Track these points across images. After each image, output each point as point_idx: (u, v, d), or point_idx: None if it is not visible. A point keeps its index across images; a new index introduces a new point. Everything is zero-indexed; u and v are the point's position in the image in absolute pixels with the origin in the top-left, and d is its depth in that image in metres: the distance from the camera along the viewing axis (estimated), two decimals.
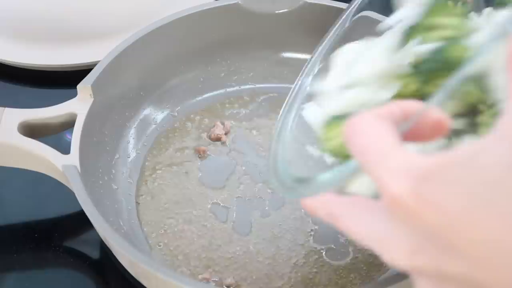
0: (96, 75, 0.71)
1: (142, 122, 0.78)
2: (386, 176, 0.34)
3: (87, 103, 0.69)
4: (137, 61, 0.76)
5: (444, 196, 0.32)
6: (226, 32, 0.81)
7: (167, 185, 0.73)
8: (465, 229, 0.32)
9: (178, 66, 0.81)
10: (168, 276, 0.56)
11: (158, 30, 0.77)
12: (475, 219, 0.31)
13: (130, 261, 0.60)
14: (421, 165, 0.34)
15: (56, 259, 0.69)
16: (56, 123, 0.69)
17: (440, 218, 0.32)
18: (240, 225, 0.69)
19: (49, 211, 0.73)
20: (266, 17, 0.80)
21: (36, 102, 0.70)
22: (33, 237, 0.71)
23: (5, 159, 0.68)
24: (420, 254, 0.34)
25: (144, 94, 0.79)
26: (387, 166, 0.35)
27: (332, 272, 0.65)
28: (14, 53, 0.87)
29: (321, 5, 0.79)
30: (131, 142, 0.76)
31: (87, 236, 0.70)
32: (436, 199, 0.32)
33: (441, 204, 0.32)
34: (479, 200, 0.31)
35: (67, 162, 0.64)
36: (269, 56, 0.84)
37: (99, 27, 0.92)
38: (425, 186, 0.33)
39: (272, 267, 0.66)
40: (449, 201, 0.32)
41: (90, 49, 0.88)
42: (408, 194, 0.33)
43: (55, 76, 0.87)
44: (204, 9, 0.79)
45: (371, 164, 0.35)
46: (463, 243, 0.32)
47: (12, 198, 0.75)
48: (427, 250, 0.34)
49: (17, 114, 0.68)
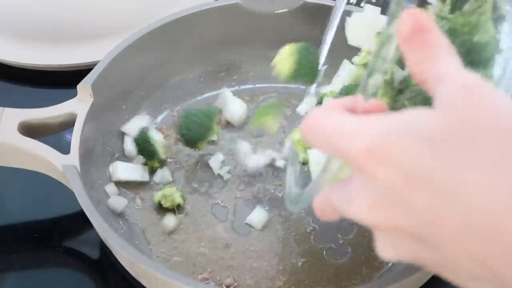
0: (96, 75, 0.71)
1: (142, 122, 0.78)
2: (346, 143, 0.37)
3: (87, 103, 0.69)
4: (137, 61, 0.76)
5: (396, 150, 0.35)
6: (226, 32, 0.81)
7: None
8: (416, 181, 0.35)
9: (178, 66, 0.81)
10: (168, 276, 0.56)
11: (158, 30, 0.77)
12: (424, 172, 0.34)
13: (130, 261, 0.60)
14: (375, 125, 0.36)
15: (56, 259, 0.69)
16: (56, 123, 0.69)
17: (393, 172, 0.35)
18: (240, 225, 0.70)
19: (49, 211, 0.73)
20: (266, 17, 0.81)
21: (36, 102, 0.70)
22: (33, 237, 0.71)
23: (5, 159, 0.68)
24: (378, 210, 0.37)
25: (144, 94, 0.79)
26: (344, 135, 0.37)
27: (332, 272, 0.65)
28: (14, 53, 0.87)
29: (321, 5, 0.79)
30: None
31: (87, 236, 0.70)
32: (390, 154, 0.35)
33: (393, 159, 0.35)
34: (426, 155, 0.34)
35: (67, 162, 0.64)
36: (269, 56, 0.83)
37: (99, 27, 0.92)
38: (380, 142, 0.35)
39: (272, 267, 0.66)
40: (401, 155, 0.35)
41: (90, 49, 0.88)
42: (364, 151, 0.36)
43: (55, 76, 0.87)
44: (204, 9, 0.79)
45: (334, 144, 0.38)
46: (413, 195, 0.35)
47: (12, 198, 0.75)
48: (385, 206, 0.36)
49: (17, 114, 0.68)
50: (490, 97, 0.36)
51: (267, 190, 0.72)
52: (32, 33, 0.91)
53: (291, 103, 0.80)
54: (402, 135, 0.35)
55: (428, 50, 0.38)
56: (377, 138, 0.36)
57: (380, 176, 0.36)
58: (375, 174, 0.36)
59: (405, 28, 0.38)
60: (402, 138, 0.35)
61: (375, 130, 0.36)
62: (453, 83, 0.36)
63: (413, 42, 0.38)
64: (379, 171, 0.36)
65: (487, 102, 0.35)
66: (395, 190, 0.35)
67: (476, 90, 0.36)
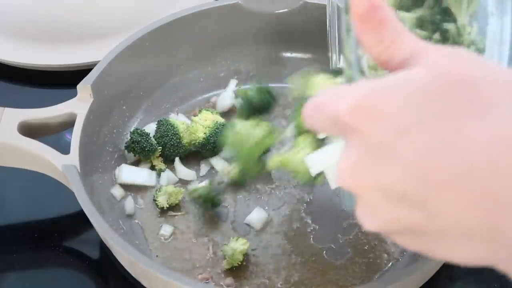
0: (96, 75, 0.71)
1: (142, 122, 0.78)
2: (334, 105, 0.36)
3: (87, 103, 0.69)
4: (137, 61, 0.76)
5: (385, 105, 0.35)
6: (226, 32, 0.81)
7: None
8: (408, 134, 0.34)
9: (178, 66, 0.81)
10: (168, 276, 0.56)
11: (158, 30, 0.77)
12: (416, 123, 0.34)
13: (130, 261, 0.60)
14: (362, 86, 0.36)
15: (56, 259, 0.69)
16: (56, 123, 0.69)
17: (382, 127, 0.34)
18: (240, 225, 0.69)
19: (49, 211, 0.73)
20: (266, 17, 0.81)
21: (36, 102, 0.70)
22: (33, 237, 0.71)
23: (5, 159, 0.68)
24: (362, 169, 0.36)
25: (144, 94, 0.79)
26: (333, 101, 0.37)
27: (332, 272, 0.65)
28: (14, 53, 0.87)
29: (321, 5, 0.79)
30: None
31: (87, 236, 0.70)
32: (378, 110, 0.35)
33: (383, 114, 0.35)
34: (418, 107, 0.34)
35: (67, 162, 0.64)
36: (269, 56, 0.84)
37: (99, 27, 0.92)
38: (368, 99, 0.35)
39: (272, 266, 0.66)
40: (390, 109, 0.34)
41: (90, 49, 0.88)
42: (351, 108, 0.35)
43: (55, 76, 0.87)
44: (204, 9, 0.79)
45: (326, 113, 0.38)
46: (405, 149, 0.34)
47: (12, 198, 0.75)
48: (370, 164, 0.35)
49: (17, 114, 0.68)
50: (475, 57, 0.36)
51: (267, 190, 0.72)
52: (32, 33, 0.91)
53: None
54: (390, 91, 0.35)
55: (391, 28, 0.37)
56: (364, 95, 0.35)
57: (368, 132, 0.35)
58: (362, 130, 0.35)
59: (358, 8, 0.37)
60: (391, 93, 0.35)
61: (362, 89, 0.36)
62: (437, 52, 0.36)
63: (370, 21, 0.37)
64: (367, 126, 0.35)
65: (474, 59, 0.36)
66: (384, 145, 0.35)
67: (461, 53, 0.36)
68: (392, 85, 0.35)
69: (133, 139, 0.72)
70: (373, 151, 0.35)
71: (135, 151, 0.72)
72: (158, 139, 0.73)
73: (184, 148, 0.74)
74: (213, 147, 0.73)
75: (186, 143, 0.73)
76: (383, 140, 0.35)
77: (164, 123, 0.73)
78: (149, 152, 0.72)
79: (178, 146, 0.73)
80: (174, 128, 0.73)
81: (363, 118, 0.35)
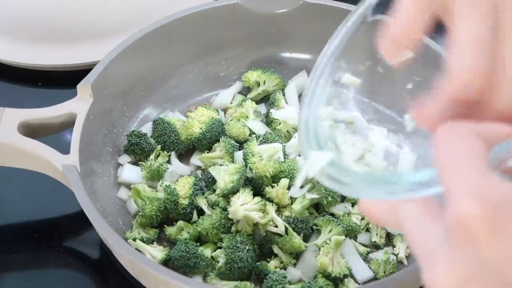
0: (96, 75, 0.71)
1: (142, 122, 0.78)
2: (459, 194, 0.32)
3: (87, 103, 0.69)
4: (137, 61, 0.76)
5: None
6: (226, 32, 0.81)
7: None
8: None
9: (178, 66, 0.81)
10: (168, 276, 0.56)
11: (158, 30, 0.77)
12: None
13: (130, 261, 0.60)
14: (500, 192, 0.31)
15: (56, 259, 0.69)
16: (56, 123, 0.69)
17: (507, 252, 0.30)
18: None
19: (49, 211, 0.73)
20: (266, 17, 0.80)
21: (36, 102, 0.70)
22: (33, 237, 0.71)
23: (5, 159, 0.68)
24: (470, 284, 0.32)
25: (144, 94, 0.79)
26: (463, 185, 0.32)
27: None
28: (14, 53, 0.87)
29: (321, 5, 0.79)
30: None
31: (87, 236, 0.70)
32: (508, 231, 0.30)
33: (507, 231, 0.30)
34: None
35: (67, 162, 0.64)
36: (269, 56, 0.83)
37: (99, 27, 0.92)
38: (498, 214, 0.31)
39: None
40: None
41: (90, 49, 0.88)
42: (476, 217, 0.31)
43: (55, 76, 0.87)
44: (204, 9, 0.79)
45: (450, 177, 0.33)
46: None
47: (12, 198, 0.75)
48: (481, 281, 0.32)
49: (17, 114, 0.68)
50: None
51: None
52: (32, 33, 0.91)
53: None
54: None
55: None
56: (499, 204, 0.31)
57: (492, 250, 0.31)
58: (480, 245, 0.31)
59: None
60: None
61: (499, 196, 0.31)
62: None
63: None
64: (492, 244, 0.31)
65: None
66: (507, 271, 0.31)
67: None
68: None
69: (132, 141, 0.72)
70: (489, 270, 0.31)
71: (135, 153, 0.73)
72: (156, 138, 0.73)
73: (183, 145, 0.74)
74: (208, 142, 0.73)
75: (184, 139, 0.74)
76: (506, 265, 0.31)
77: (160, 122, 0.74)
78: (149, 152, 0.72)
79: (177, 143, 0.73)
80: (171, 125, 0.73)
81: (488, 233, 0.31)
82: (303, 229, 0.65)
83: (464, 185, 0.32)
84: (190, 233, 0.66)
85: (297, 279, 0.64)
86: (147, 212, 0.66)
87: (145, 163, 0.71)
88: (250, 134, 0.75)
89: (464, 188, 0.32)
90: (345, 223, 0.66)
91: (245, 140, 0.73)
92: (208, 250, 0.65)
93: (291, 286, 0.62)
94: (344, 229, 0.65)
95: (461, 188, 0.32)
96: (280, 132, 0.74)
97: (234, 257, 0.63)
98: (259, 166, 0.67)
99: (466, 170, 0.32)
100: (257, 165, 0.67)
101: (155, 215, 0.66)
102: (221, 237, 0.65)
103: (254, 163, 0.67)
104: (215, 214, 0.66)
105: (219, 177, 0.67)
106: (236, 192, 0.66)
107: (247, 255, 0.63)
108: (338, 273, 0.62)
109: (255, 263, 0.64)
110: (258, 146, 0.69)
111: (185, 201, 0.68)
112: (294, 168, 0.68)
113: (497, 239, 0.30)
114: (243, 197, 0.65)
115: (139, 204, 0.67)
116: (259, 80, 0.80)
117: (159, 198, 0.67)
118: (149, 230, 0.67)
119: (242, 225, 0.65)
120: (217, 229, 0.65)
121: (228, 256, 0.63)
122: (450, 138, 0.34)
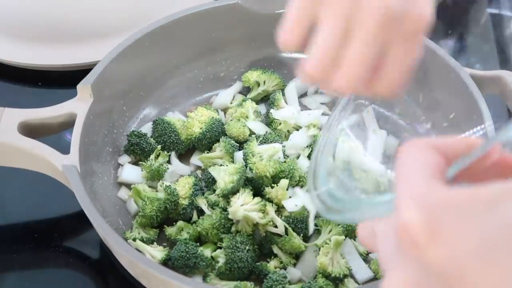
0: (96, 75, 0.71)
1: (142, 122, 0.78)
2: (402, 201, 0.32)
3: (87, 103, 0.69)
4: (137, 61, 0.76)
5: (457, 234, 0.30)
6: (226, 32, 0.81)
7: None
8: (472, 274, 0.29)
9: (178, 66, 0.81)
10: (168, 276, 0.56)
11: (158, 30, 0.77)
12: (485, 266, 0.29)
13: (130, 261, 0.60)
14: (438, 196, 0.31)
15: (56, 259, 0.69)
16: (56, 123, 0.69)
17: (447, 257, 0.30)
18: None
19: (49, 211, 0.73)
20: (266, 17, 0.80)
21: (36, 102, 0.70)
22: (33, 237, 0.71)
23: (5, 159, 0.68)
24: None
25: (144, 94, 0.79)
26: (407, 192, 0.33)
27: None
28: (14, 53, 0.87)
29: None
30: None
31: (87, 236, 0.70)
32: (447, 236, 0.30)
33: (451, 242, 0.30)
34: (494, 247, 0.29)
35: (67, 162, 0.64)
36: (269, 56, 0.83)
37: (99, 27, 0.92)
38: (435, 218, 0.31)
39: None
40: (461, 240, 0.30)
41: (90, 49, 0.88)
42: (415, 223, 0.31)
43: (55, 76, 0.87)
44: (204, 9, 0.79)
45: (399, 186, 0.34)
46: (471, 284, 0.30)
47: (12, 198, 0.75)
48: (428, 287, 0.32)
49: (17, 114, 0.68)
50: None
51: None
52: (32, 33, 0.91)
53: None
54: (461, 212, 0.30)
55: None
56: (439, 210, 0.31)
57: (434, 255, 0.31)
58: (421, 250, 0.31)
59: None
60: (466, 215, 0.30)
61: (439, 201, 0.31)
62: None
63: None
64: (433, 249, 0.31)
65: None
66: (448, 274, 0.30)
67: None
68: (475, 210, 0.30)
69: (132, 142, 0.72)
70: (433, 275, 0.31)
71: (136, 153, 0.73)
72: (156, 138, 0.73)
73: (183, 145, 0.74)
74: (208, 142, 0.73)
75: (184, 139, 0.74)
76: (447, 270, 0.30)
77: (160, 122, 0.74)
78: (149, 152, 0.72)
79: (177, 143, 0.73)
80: (171, 125, 0.73)
81: (428, 239, 0.31)
82: (303, 229, 0.66)
83: (407, 192, 0.33)
84: (190, 233, 0.66)
85: (297, 279, 0.64)
86: (147, 212, 0.66)
87: (145, 163, 0.71)
88: (250, 134, 0.75)
89: (407, 196, 0.33)
90: (345, 223, 0.66)
91: (245, 140, 0.73)
92: (208, 250, 0.65)
93: (291, 286, 0.62)
94: (344, 229, 0.66)
95: (404, 195, 0.33)
96: (280, 132, 0.74)
97: (234, 257, 0.63)
98: (259, 166, 0.67)
99: (412, 178, 0.33)
100: (257, 165, 0.67)
101: (155, 215, 0.66)
102: (221, 237, 0.65)
103: (254, 163, 0.67)
104: (215, 214, 0.66)
105: (219, 177, 0.67)
106: (236, 192, 0.66)
107: (247, 255, 0.63)
108: (338, 273, 0.62)
109: (255, 263, 0.64)
110: (258, 146, 0.69)
111: (185, 201, 0.68)
112: (294, 168, 0.68)
113: (436, 243, 0.30)
114: (243, 197, 0.65)
115: (139, 204, 0.67)
116: (259, 80, 0.80)
117: (159, 198, 0.67)
118: (149, 230, 0.67)
119: (242, 225, 0.65)
120: (217, 229, 0.65)
121: (228, 256, 0.63)
122: (407, 151, 0.35)
